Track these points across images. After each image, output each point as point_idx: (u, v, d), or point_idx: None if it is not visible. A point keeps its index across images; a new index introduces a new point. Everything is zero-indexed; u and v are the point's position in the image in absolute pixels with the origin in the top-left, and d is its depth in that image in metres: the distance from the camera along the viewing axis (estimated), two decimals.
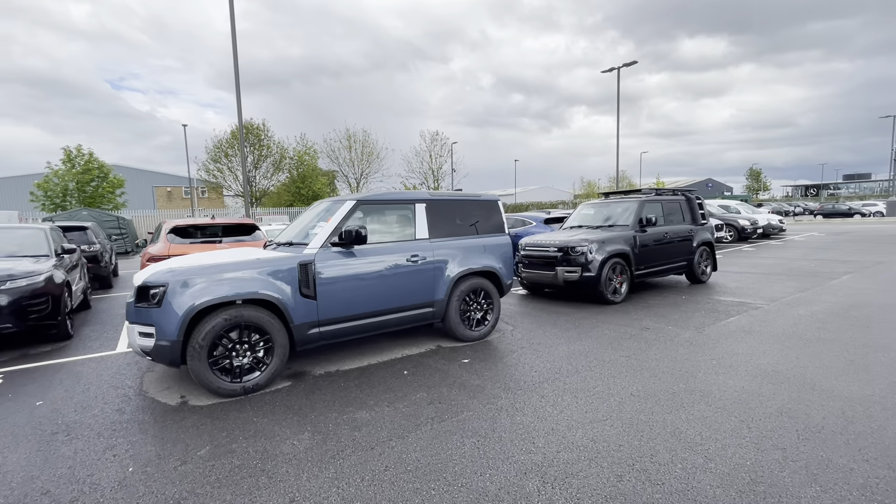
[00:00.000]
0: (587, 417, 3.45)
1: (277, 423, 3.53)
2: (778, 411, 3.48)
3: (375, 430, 3.37)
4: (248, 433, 3.40)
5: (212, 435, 3.39)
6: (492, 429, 3.32)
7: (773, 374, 4.20)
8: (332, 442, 3.22)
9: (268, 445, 3.21)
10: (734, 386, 3.96)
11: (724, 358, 4.69)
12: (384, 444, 3.17)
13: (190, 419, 3.67)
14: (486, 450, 3.04)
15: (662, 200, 8.75)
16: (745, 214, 18.38)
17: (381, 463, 2.94)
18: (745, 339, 5.32)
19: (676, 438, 3.12)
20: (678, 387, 3.98)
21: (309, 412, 3.72)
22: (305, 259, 4.41)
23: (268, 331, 4.17)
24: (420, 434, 3.28)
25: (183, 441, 3.31)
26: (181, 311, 3.84)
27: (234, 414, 3.74)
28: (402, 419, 3.52)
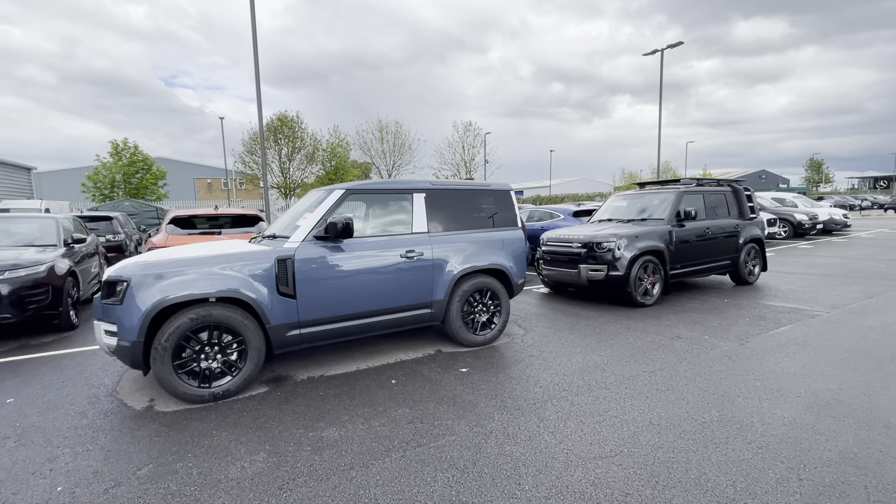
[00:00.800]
0: (592, 451, 2.85)
1: (236, 439, 3.14)
2: (840, 457, 2.76)
3: (339, 454, 2.91)
4: (201, 449, 3.02)
5: (161, 450, 3.03)
6: (473, 460, 2.79)
7: (834, 405, 3.43)
8: (286, 467, 2.78)
9: (215, 467, 2.81)
10: (782, 418, 3.24)
11: (771, 379, 3.93)
12: (343, 473, 2.70)
13: (148, 428, 3.33)
14: (460, 489, 2.52)
15: (704, 192, 7.83)
16: (802, 208, 16.75)
17: (331, 499, 2.47)
18: (799, 354, 4.51)
19: (702, 489, 2.48)
20: (710, 415, 3.30)
21: (275, 426, 3.30)
22: (284, 254, 3.99)
23: (240, 332, 3.79)
24: (387, 463, 2.79)
25: (129, 455, 2.97)
26: (142, 309, 3.51)
27: (196, 424, 3.38)
28: (372, 441, 3.04)
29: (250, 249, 3.99)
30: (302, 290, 4.00)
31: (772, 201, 17.31)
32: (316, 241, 4.16)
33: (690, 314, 6.22)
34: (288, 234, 4.26)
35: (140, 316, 3.50)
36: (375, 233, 4.52)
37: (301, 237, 4.13)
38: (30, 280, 5.73)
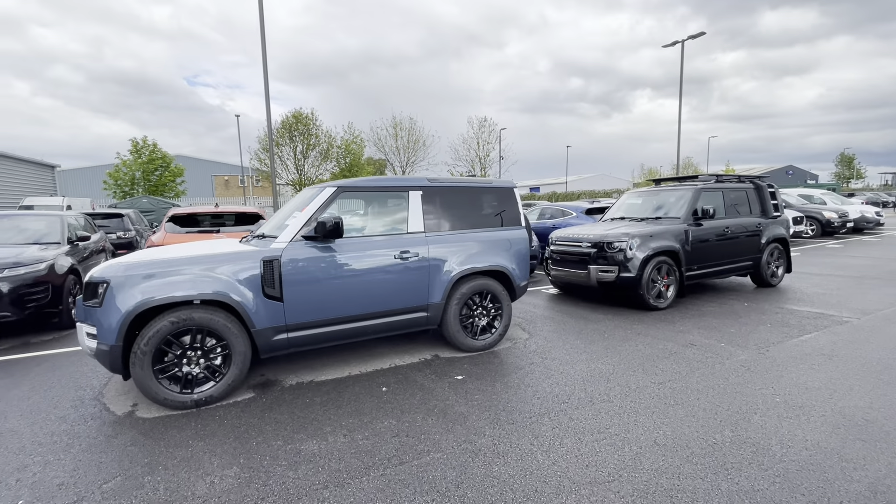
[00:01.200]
0: (587, 476, 2.61)
1: (211, 450, 2.98)
2: (870, 489, 2.46)
3: (315, 470, 2.73)
4: (174, 461, 2.87)
5: (133, 460, 2.89)
6: (457, 482, 2.57)
7: (864, 426, 3.10)
8: (256, 484, 2.61)
9: (184, 481, 2.66)
10: (804, 440, 2.93)
11: (794, 394, 3.61)
12: (315, 493, 2.51)
13: (125, 436, 3.21)
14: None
15: (724, 189, 7.42)
16: (831, 205, 16.00)
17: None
18: (825, 366, 4.16)
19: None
20: (722, 435, 3.01)
21: (254, 437, 3.14)
22: (271, 255, 3.82)
23: (224, 336, 3.64)
24: (365, 483, 2.59)
25: (99, 466, 2.84)
26: (121, 311, 3.38)
27: (174, 433, 3.24)
28: (352, 457, 2.85)
29: (236, 250, 3.83)
30: (289, 293, 3.83)
31: (798, 198, 16.59)
32: (305, 241, 3.99)
33: (707, 319, 5.87)
34: (276, 233, 4.10)
35: (119, 319, 3.38)
36: (369, 233, 4.33)
37: (289, 237, 3.96)
38: (30, 278, 5.72)
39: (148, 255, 3.85)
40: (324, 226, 3.92)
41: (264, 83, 13.80)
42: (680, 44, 21.07)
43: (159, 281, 3.49)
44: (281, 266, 3.82)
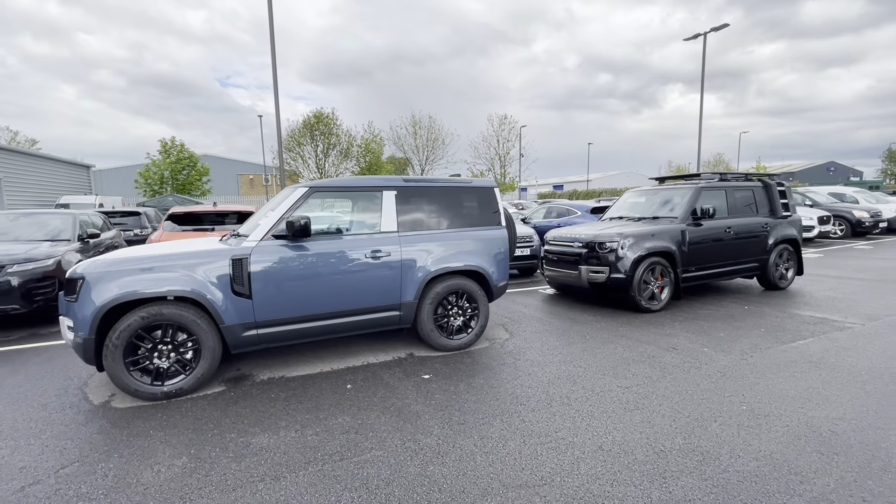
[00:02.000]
0: (519, 479, 2.60)
1: (167, 441, 3.12)
2: (813, 502, 2.36)
3: (258, 463, 2.82)
4: (130, 450, 3.02)
5: (94, 447, 3.05)
6: (388, 480, 2.61)
7: (829, 438, 2.97)
8: (199, 474, 2.72)
9: (133, 469, 2.79)
10: (757, 451, 2.83)
11: (763, 402, 3.48)
12: (251, 485, 2.60)
13: (94, 424, 3.38)
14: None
15: (728, 188, 7.17)
16: (863, 204, 15.21)
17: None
18: (808, 374, 3.99)
19: None
20: (673, 442, 2.94)
21: (211, 429, 3.26)
22: (240, 253, 3.94)
23: (194, 332, 3.78)
24: (300, 477, 2.66)
25: (62, 451, 3.01)
26: (95, 305, 3.56)
27: (139, 423, 3.39)
28: (297, 451, 2.93)
29: (207, 248, 3.97)
30: (258, 291, 3.95)
31: (828, 197, 15.84)
32: (275, 240, 4.10)
33: (699, 322, 5.70)
34: (249, 233, 4.22)
35: (92, 312, 3.56)
36: (340, 232, 4.40)
37: (259, 236, 4.07)
38: (38, 273, 6.06)
39: (127, 252, 4.03)
40: (293, 225, 4.01)
41: (274, 87, 14.15)
42: (702, 36, 20.37)
43: (132, 278, 3.66)
44: (249, 264, 3.94)
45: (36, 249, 6.36)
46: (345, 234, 4.40)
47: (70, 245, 6.90)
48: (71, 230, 7.29)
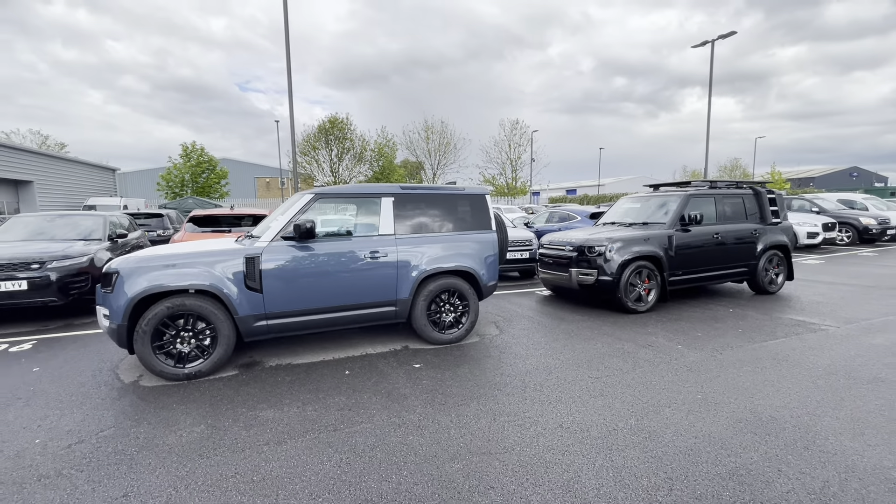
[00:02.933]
0: (484, 447, 3.03)
1: (187, 412, 3.63)
2: (731, 472, 2.75)
3: (264, 431, 3.31)
4: (157, 419, 3.54)
5: (127, 416, 3.58)
6: (372, 447, 3.07)
7: (767, 422, 3.34)
8: (214, 438, 3.22)
9: (159, 433, 3.30)
10: (699, 431, 3.22)
11: (718, 393, 3.85)
12: (256, 448, 3.08)
13: (127, 399, 3.93)
14: (346, 470, 2.82)
15: (717, 195, 7.49)
16: (872, 211, 15.22)
17: (235, 468, 2.86)
18: (768, 370, 4.34)
19: (566, 489, 2.61)
20: (625, 423, 3.34)
21: (225, 404, 3.77)
22: (252, 252, 4.46)
23: (212, 321, 4.31)
24: (299, 442, 3.14)
25: (100, 419, 3.55)
26: (127, 296, 4.11)
27: (164, 398, 3.92)
28: (297, 423, 3.41)
29: (224, 248, 4.50)
30: (268, 286, 4.46)
31: (837, 203, 15.87)
32: (284, 241, 4.61)
33: (681, 323, 6.05)
34: (261, 234, 4.74)
35: (125, 302, 4.11)
36: (342, 234, 4.90)
37: (270, 237, 4.59)
38: (74, 269, 6.70)
39: (154, 251, 4.58)
40: (299, 228, 4.52)
41: (289, 92, 14.82)
42: (710, 44, 20.51)
43: (160, 273, 4.20)
44: (261, 263, 4.45)
45: (71, 248, 7.01)
46: (347, 236, 4.89)
47: (101, 244, 7.54)
48: (102, 230, 7.95)
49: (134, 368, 4.66)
